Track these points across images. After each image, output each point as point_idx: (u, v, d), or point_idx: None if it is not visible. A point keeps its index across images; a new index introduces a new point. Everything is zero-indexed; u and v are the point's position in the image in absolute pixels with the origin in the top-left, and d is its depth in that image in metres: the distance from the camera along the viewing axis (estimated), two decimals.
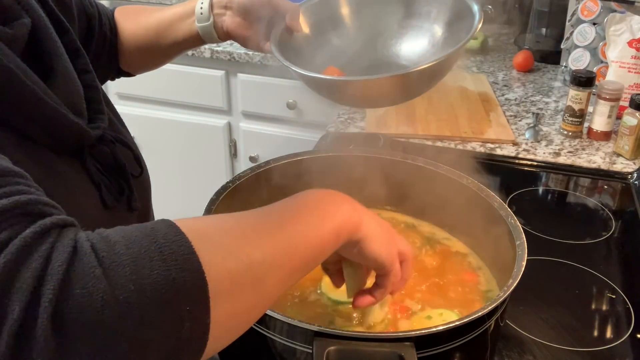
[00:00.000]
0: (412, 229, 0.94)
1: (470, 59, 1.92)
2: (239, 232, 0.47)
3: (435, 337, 0.63)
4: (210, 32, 0.88)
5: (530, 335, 0.85)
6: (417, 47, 0.88)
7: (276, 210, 0.53)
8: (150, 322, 0.39)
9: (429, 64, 0.73)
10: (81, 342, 0.38)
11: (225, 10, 0.87)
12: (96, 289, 0.38)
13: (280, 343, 0.65)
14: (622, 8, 1.56)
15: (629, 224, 1.15)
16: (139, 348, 0.39)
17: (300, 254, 0.51)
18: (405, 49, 0.89)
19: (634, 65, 1.46)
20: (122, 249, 0.40)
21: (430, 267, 0.86)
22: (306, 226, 0.52)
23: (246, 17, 0.86)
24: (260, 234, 0.48)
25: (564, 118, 1.41)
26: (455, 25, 0.84)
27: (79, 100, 0.64)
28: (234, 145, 2.06)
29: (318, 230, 0.53)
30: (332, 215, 0.55)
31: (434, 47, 0.87)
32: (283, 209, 0.54)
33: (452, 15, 0.86)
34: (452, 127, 1.42)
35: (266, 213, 0.52)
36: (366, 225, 0.59)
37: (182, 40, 0.90)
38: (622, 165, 1.31)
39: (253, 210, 0.51)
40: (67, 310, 0.37)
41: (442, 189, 0.89)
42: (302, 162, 0.91)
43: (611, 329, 0.89)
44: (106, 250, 0.40)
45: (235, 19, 0.87)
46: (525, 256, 0.73)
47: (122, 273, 0.39)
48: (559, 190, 1.29)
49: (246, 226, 0.48)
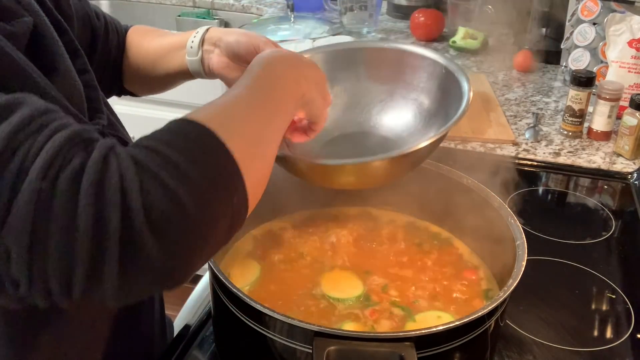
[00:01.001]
0: (412, 228, 0.94)
1: (470, 59, 1.92)
2: (244, 117, 0.57)
3: (435, 337, 0.63)
4: (197, 67, 0.87)
5: (530, 335, 0.85)
6: (401, 119, 0.87)
7: (259, 94, 0.62)
8: (216, 203, 0.49)
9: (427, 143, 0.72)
10: (175, 234, 0.46)
11: (214, 48, 0.86)
12: (168, 190, 0.46)
13: (280, 343, 0.65)
14: (622, 8, 1.55)
15: (629, 224, 1.15)
16: (213, 226, 0.49)
17: (279, 126, 0.62)
18: (387, 120, 0.88)
19: (634, 65, 1.46)
20: (167, 149, 0.48)
21: (430, 267, 0.86)
22: (279, 105, 0.63)
23: (233, 59, 0.85)
24: (257, 119, 0.59)
25: (564, 118, 1.41)
26: (443, 99, 0.84)
27: (80, 98, 0.65)
28: None
29: (287, 109, 0.65)
30: (292, 96, 0.66)
31: (419, 121, 0.85)
32: (260, 89, 0.63)
33: (440, 89, 0.85)
34: None
35: (253, 98, 0.61)
36: (310, 96, 0.70)
37: (174, 71, 0.89)
38: (622, 165, 1.31)
39: (242, 94, 0.61)
40: (154, 212, 0.45)
41: (442, 189, 0.89)
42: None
43: (611, 329, 0.89)
44: (155, 157, 0.48)
45: (222, 59, 0.86)
46: (525, 256, 0.73)
47: (179, 174, 0.47)
48: (559, 190, 1.29)
49: (247, 112, 0.58)
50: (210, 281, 0.73)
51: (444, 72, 0.84)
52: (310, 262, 0.86)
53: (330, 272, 0.84)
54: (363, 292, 0.80)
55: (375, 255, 0.88)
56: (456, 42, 1.96)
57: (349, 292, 0.80)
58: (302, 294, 0.80)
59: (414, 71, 0.87)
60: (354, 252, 0.88)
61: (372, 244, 0.90)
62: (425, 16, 2.04)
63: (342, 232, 0.91)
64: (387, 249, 0.89)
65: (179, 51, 0.88)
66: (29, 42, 0.60)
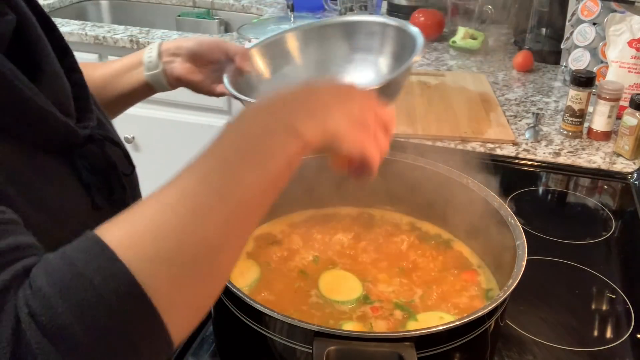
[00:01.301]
0: (411, 229, 0.94)
1: (470, 59, 1.92)
2: (174, 225, 0.43)
3: (435, 337, 0.63)
4: (159, 79, 0.90)
5: (530, 335, 0.85)
6: (365, 78, 0.92)
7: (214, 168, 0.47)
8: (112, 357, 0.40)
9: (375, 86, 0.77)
10: None
11: (174, 58, 0.89)
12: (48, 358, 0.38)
13: (280, 343, 0.65)
14: (622, 8, 1.55)
15: (629, 224, 1.15)
16: None
17: (252, 207, 0.48)
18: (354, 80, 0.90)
19: (634, 65, 1.46)
20: (59, 305, 0.39)
21: (430, 267, 0.86)
22: (251, 179, 0.47)
23: (196, 62, 0.89)
24: (203, 216, 0.44)
25: (564, 118, 1.41)
26: (401, 55, 0.88)
27: (67, 99, 0.62)
28: None
29: (264, 177, 0.49)
30: (273, 154, 0.50)
31: (380, 77, 0.91)
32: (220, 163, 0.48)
33: (397, 46, 0.91)
34: (452, 127, 1.42)
35: (204, 178, 0.46)
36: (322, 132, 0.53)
37: (128, 91, 0.90)
38: (622, 165, 1.31)
39: (187, 174, 0.47)
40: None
41: (442, 189, 0.89)
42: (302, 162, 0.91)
43: (611, 329, 0.89)
44: (44, 314, 0.39)
45: (185, 65, 0.89)
46: (525, 256, 0.73)
47: (67, 334, 0.39)
48: (559, 190, 1.29)
49: (184, 212, 0.44)
50: None
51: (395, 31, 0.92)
52: (310, 262, 0.86)
53: (328, 273, 0.84)
54: (361, 294, 0.80)
55: (375, 256, 0.88)
56: (456, 42, 1.96)
57: (348, 294, 0.80)
58: (302, 294, 0.80)
59: (371, 36, 0.94)
60: (354, 252, 0.88)
61: (372, 244, 0.90)
62: (425, 16, 2.04)
63: (342, 233, 0.91)
64: (387, 249, 0.89)
65: (131, 71, 0.90)
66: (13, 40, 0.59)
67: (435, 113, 1.49)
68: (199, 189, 0.45)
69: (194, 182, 0.46)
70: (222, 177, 0.47)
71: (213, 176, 0.46)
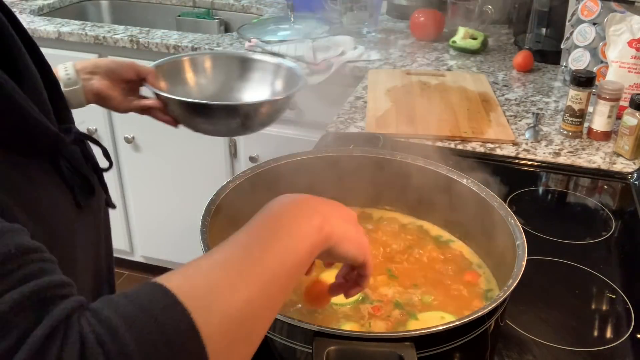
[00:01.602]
0: (412, 228, 0.94)
1: (470, 59, 1.92)
2: (226, 282, 0.48)
3: (435, 337, 0.63)
4: (78, 95, 0.97)
5: (530, 335, 0.85)
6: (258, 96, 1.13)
7: (254, 240, 0.53)
8: None
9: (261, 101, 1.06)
10: None
11: (92, 75, 0.99)
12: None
13: (280, 343, 0.65)
14: (622, 8, 1.55)
15: (629, 224, 1.15)
16: None
17: (282, 284, 0.52)
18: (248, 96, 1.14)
19: (634, 65, 1.46)
20: (126, 335, 0.42)
21: (430, 267, 0.86)
22: (285, 255, 0.53)
23: (112, 79, 1.01)
24: (246, 279, 0.49)
25: (564, 118, 1.41)
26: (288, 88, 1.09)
27: (43, 98, 0.60)
28: (234, 145, 2.06)
29: (295, 256, 0.54)
30: (305, 236, 0.56)
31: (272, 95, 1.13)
32: (260, 236, 0.54)
33: (285, 79, 1.12)
34: (452, 127, 1.42)
35: (245, 248, 0.52)
36: (336, 232, 0.60)
37: None
38: (622, 165, 1.31)
39: (232, 244, 0.52)
40: None
41: (442, 189, 0.89)
42: (302, 162, 0.91)
43: (611, 329, 0.89)
44: (111, 342, 0.42)
45: (103, 82, 1.00)
46: (525, 256, 0.73)
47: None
48: (559, 190, 1.29)
49: (232, 272, 0.49)
50: None
51: (284, 70, 1.13)
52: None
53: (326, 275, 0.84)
54: (359, 297, 0.80)
55: (375, 256, 0.88)
56: (456, 42, 1.96)
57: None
58: (302, 294, 0.80)
59: (264, 72, 1.14)
60: None
61: (371, 244, 0.90)
62: (425, 16, 2.05)
63: None
64: (387, 249, 0.89)
65: None
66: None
67: (435, 113, 1.49)
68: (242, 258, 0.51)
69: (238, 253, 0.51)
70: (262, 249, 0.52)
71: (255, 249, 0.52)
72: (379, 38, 2.09)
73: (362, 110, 1.53)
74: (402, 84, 1.66)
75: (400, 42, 2.06)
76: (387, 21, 2.27)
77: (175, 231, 2.22)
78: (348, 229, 0.62)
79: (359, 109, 1.55)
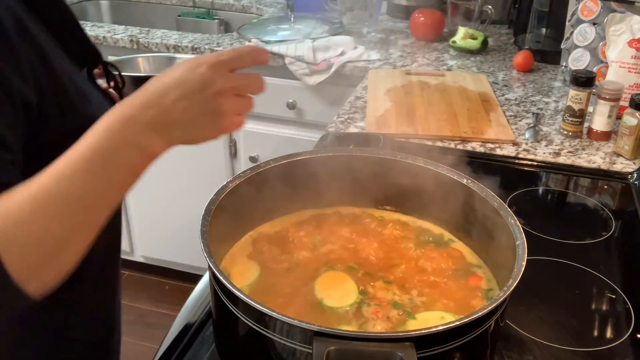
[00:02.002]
0: (412, 228, 0.94)
1: (470, 59, 1.92)
2: (35, 220, 0.55)
3: (435, 337, 0.63)
4: None
5: (530, 335, 0.85)
6: None
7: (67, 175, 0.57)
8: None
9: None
10: None
11: None
12: None
13: (280, 343, 0.65)
14: (622, 8, 1.56)
15: (629, 224, 1.15)
16: None
17: (96, 209, 0.59)
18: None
19: (634, 65, 1.46)
20: None
21: (430, 267, 0.86)
22: (96, 188, 0.58)
23: None
24: (59, 215, 0.56)
25: (564, 118, 1.41)
26: None
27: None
28: (234, 145, 2.06)
29: (107, 185, 0.59)
30: (116, 169, 0.59)
31: None
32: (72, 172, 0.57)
33: None
34: (452, 127, 1.42)
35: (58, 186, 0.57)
36: (169, 143, 0.62)
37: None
38: (622, 165, 1.31)
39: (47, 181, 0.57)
40: None
41: (442, 189, 0.89)
42: (302, 162, 0.91)
43: (611, 329, 0.89)
44: None
45: None
46: (525, 256, 0.73)
47: None
48: (559, 190, 1.29)
49: (41, 211, 0.55)
50: (210, 281, 0.73)
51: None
52: (310, 262, 0.86)
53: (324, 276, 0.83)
54: (356, 299, 0.79)
55: (375, 255, 0.88)
56: (456, 42, 1.96)
57: (343, 299, 0.79)
58: (302, 294, 0.80)
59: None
60: (354, 252, 0.88)
61: (372, 244, 0.90)
62: (425, 16, 2.05)
63: (342, 233, 0.91)
64: (387, 249, 0.89)
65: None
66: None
67: (435, 113, 1.49)
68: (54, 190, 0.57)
69: (52, 182, 0.57)
70: (71, 184, 0.57)
71: (64, 182, 0.57)
72: (379, 38, 2.09)
73: (362, 110, 1.53)
74: (402, 84, 1.66)
75: (400, 42, 2.06)
76: (387, 21, 2.27)
77: (175, 231, 2.22)
78: (185, 125, 0.62)
79: (359, 109, 1.55)
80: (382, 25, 2.21)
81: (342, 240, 0.90)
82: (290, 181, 0.88)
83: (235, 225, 0.88)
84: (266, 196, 0.88)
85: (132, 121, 0.59)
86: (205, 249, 0.69)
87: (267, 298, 0.79)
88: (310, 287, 0.81)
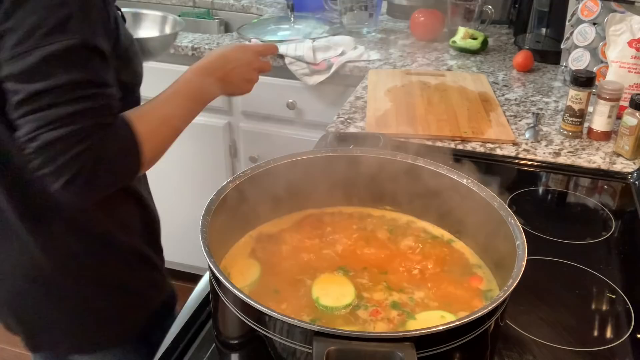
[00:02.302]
0: (412, 228, 0.94)
1: (470, 59, 1.92)
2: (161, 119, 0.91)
3: (435, 337, 0.63)
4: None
5: (530, 335, 0.85)
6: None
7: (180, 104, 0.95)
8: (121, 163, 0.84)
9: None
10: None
11: None
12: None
13: (280, 343, 0.65)
14: (622, 8, 1.55)
15: (629, 224, 1.15)
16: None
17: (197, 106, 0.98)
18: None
19: (634, 65, 1.46)
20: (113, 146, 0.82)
21: (430, 267, 0.86)
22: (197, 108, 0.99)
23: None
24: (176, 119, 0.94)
25: (564, 118, 1.41)
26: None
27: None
28: (234, 145, 2.06)
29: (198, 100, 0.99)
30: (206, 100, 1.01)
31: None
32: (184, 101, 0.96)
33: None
34: (452, 127, 1.42)
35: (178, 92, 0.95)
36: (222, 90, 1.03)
37: None
38: (622, 165, 1.31)
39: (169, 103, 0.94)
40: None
41: (443, 189, 0.89)
42: (302, 162, 0.91)
43: (611, 329, 0.89)
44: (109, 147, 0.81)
45: None
46: (525, 256, 0.73)
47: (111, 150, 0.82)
48: (559, 190, 1.29)
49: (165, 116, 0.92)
50: (210, 281, 0.73)
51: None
52: (310, 261, 0.86)
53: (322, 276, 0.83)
54: (353, 300, 0.79)
55: (375, 255, 0.88)
56: (456, 42, 1.96)
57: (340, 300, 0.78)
58: (302, 294, 0.80)
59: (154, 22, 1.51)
60: (354, 252, 0.88)
61: (372, 244, 0.90)
62: (425, 16, 2.05)
63: (342, 232, 0.91)
64: (387, 249, 0.89)
65: None
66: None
67: (435, 113, 1.49)
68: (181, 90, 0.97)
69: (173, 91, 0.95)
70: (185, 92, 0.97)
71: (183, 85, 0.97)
72: (379, 38, 2.09)
73: (362, 110, 1.53)
74: (402, 83, 1.66)
75: (400, 42, 2.06)
76: (387, 21, 2.27)
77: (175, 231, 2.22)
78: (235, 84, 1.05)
79: (359, 109, 1.55)
80: (382, 25, 2.21)
81: (342, 240, 0.90)
82: (291, 181, 0.88)
83: (235, 225, 0.88)
84: (266, 196, 0.88)
85: (208, 75, 1.00)
86: (205, 249, 0.70)
87: (268, 298, 0.79)
88: (310, 287, 0.81)
